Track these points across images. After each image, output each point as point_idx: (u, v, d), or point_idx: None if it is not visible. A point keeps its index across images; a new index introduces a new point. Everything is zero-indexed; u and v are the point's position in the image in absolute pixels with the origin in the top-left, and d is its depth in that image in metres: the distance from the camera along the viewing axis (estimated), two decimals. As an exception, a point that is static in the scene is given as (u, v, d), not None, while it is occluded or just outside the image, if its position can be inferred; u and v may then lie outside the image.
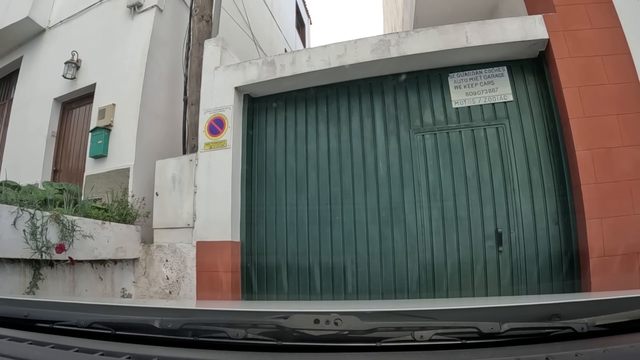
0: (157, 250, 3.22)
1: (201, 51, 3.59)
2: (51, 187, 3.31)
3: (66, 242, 2.82)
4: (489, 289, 2.67)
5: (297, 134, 3.14)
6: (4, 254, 2.54)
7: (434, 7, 4.03)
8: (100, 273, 3.24)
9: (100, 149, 3.65)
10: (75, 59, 4.20)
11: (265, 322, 0.75)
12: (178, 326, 0.75)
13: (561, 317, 0.74)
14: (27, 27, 4.76)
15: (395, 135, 2.97)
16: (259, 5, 6.00)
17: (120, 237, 3.23)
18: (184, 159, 3.23)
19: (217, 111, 3.12)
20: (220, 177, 3.01)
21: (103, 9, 4.31)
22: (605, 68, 2.81)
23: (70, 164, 4.24)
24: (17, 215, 2.60)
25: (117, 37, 4.07)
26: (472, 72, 2.99)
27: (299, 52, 3.06)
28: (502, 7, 3.96)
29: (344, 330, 0.69)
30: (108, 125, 3.70)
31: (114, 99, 3.77)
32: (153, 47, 3.80)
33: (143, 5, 3.94)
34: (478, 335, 0.68)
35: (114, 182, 3.57)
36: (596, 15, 2.96)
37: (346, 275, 2.86)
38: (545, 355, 0.60)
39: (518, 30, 2.86)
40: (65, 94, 4.30)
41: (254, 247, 3.06)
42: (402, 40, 2.89)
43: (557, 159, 2.76)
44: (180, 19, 4.22)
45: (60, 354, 0.71)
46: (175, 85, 4.01)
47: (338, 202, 2.96)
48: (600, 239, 2.53)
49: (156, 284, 3.25)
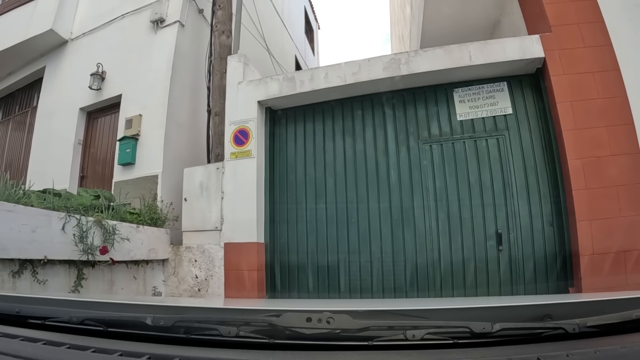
0: (186, 251, 3.63)
1: (223, 65, 3.99)
2: (87, 194, 3.71)
3: (108, 245, 3.23)
4: (490, 284, 3.09)
5: (316, 143, 3.55)
6: (56, 255, 2.94)
7: (440, 22, 4.43)
8: (134, 273, 3.65)
9: (128, 157, 4.06)
10: (100, 71, 4.60)
11: (258, 320, 0.77)
12: (170, 323, 0.76)
13: (553, 318, 0.76)
14: (50, 38, 5.16)
15: (406, 146, 3.38)
16: (270, 14, 6.41)
17: (152, 239, 3.64)
18: (210, 167, 3.64)
19: (241, 123, 3.53)
20: (246, 184, 3.42)
21: (125, 22, 4.71)
22: (596, 83, 3.20)
23: (97, 170, 4.65)
24: (65, 220, 2.99)
25: (141, 50, 4.47)
26: (475, 87, 3.39)
27: (317, 70, 3.47)
28: (503, 21, 4.36)
29: (336, 329, 0.70)
30: (135, 135, 4.11)
31: (140, 110, 4.18)
32: (176, 60, 4.21)
33: (166, 20, 4.34)
34: (470, 335, 0.69)
35: (142, 188, 3.97)
36: (589, 34, 3.34)
37: (362, 272, 3.28)
38: (537, 355, 0.61)
39: (517, 50, 3.26)
40: (90, 104, 4.72)
41: (277, 247, 3.48)
42: (412, 59, 3.29)
43: (551, 167, 3.16)
44: (200, 33, 4.63)
45: (52, 350, 0.72)
46: (196, 96, 4.42)
47: (354, 205, 3.37)
48: (589, 239, 2.93)
49: (185, 282, 3.66)
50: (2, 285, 2.65)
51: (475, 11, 4.29)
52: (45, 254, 2.83)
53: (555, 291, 3.03)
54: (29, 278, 2.84)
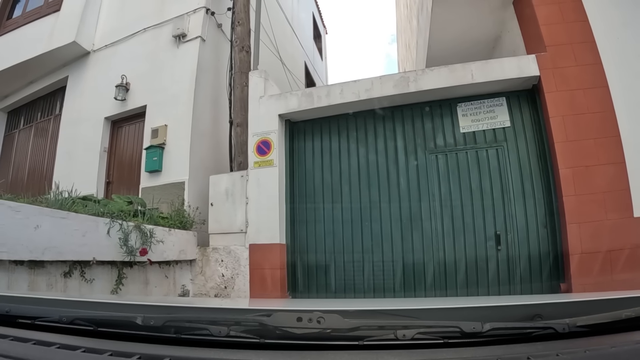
0: (213, 252, 4.04)
1: (243, 78, 4.38)
2: (121, 200, 4.10)
3: (147, 247, 3.63)
4: (490, 281, 3.51)
5: (332, 153, 3.97)
6: (102, 257, 3.34)
7: (445, 36, 4.82)
8: (166, 272, 4.06)
9: (155, 165, 4.45)
10: (125, 82, 4.96)
11: (248, 319, 0.78)
12: (160, 323, 0.77)
13: (543, 318, 0.77)
14: (73, 49, 5.54)
15: (414, 155, 3.79)
16: (281, 23, 6.80)
17: (182, 241, 4.05)
18: (235, 175, 4.04)
19: (263, 135, 3.93)
20: (269, 190, 3.83)
21: (147, 36, 5.09)
22: (586, 99, 3.60)
23: (122, 176, 5.05)
24: (110, 225, 3.39)
25: (163, 62, 4.86)
26: (476, 102, 3.80)
27: (333, 86, 3.87)
28: (504, 37, 4.76)
29: (327, 329, 0.72)
30: (162, 144, 4.50)
31: (166, 120, 4.57)
32: (199, 74, 4.60)
33: (187, 35, 4.72)
34: (460, 334, 0.71)
35: (169, 194, 4.37)
36: (581, 54, 3.72)
37: (374, 271, 3.69)
38: (527, 354, 0.63)
39: (515, 68, 3.66)
40: (115, 114, 5.09)
41: (297, 247, 3.90)
42: (419, 77, 3.70)
43: (545, 175, 3.57)
44: (219, 46, 5.01)
45: (42, 350, 0.73)
46: (216, 107, 4.81)
47: (367, 210, 3.79)
48: (578, 240, 3.33)
49: (212, 281, 4.07)
50: (55, 284, 3.05)
51: (479, 28, 4.69)
52: (93, 256, 3.23)
53: (549, 286, 3.44)
54: (77, 278, 3.23)
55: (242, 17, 4.56)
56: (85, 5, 5.50)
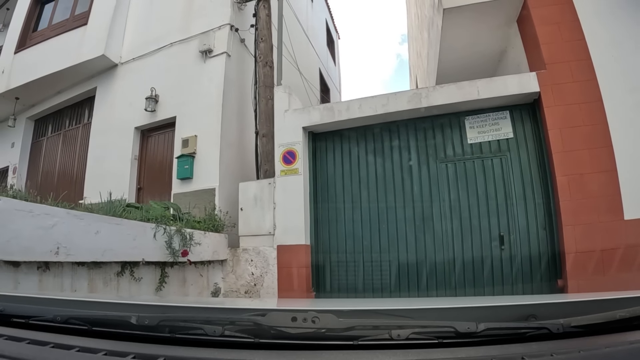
0: (243, 253, 4.52)
1: (267, 92, 4.83)
2: (158, 206, 4.57)
3: (187, 248, 4.10)
4: (495, 278, 3.98)
5: (352, 162, 4.44)
6: (150, 258, 3.81)
7: (455, 48, 5.26)
8: (200, 271, 4.54)
9: (187, 173, 4.92)
10: (154, 94, 5.40)
11: (243, 319, 0.79)
12: (155, 322, 0.79)
13: (537, 318, 0.78)
14: (101, 62, 5.99)
15: (426, 165, 4.26)
16: (298, 34, 7.24)
17: (215, 243, 4.53)
18: (263, 182, 4.51)
19: (288, 145, 4.39)
20: (294, 196, 4.30)
21: (174, 50, 5.53)
22: (581, 113, 4.03)
23: (152, 182, 5.51)
24: (155, 230, 3.85)
25: (191, 76, 5.31)
26: (482, 115, 4.26)
27: (352, 101, 4.33)
28: (509, 51, 5.21)
29: (321, 329, 0.73)
30: (192, 153, 4.96)
31: (195, 131, 5.02)
32: (226, 87, 5.06)
33: (214, 51, 5.15)
34: (455, 334, 0.72)
35: (200, 200, 4.83)
36: (577, 71, 4.15)
37: (391, 269, 4.18)
38: (521, 355, 0.65)
39: (517, 85, 4.11)
40: (145, 124, 5.54)
41: (320, 248, 4.38)
42: (430, 93, 4.16)
43: (544, 182, 4.04)
44: (243, 60, 5.46)
45: (36, 349, 0.74)
46: (242, 118, 5.27)
47: (384, 214, 4.26)
48: (573, 240, 3.78)
49: (242, 279, 4.56)
50: (110, 282, 3.52)
51: (486, 42, 5.15)
52: (143, 257, 3.70)
53: (547, 282, 3.91)
54: (128, 277, 3.71)
55: (265, 34, 4.99)
56: (113, 19, 5.93)
